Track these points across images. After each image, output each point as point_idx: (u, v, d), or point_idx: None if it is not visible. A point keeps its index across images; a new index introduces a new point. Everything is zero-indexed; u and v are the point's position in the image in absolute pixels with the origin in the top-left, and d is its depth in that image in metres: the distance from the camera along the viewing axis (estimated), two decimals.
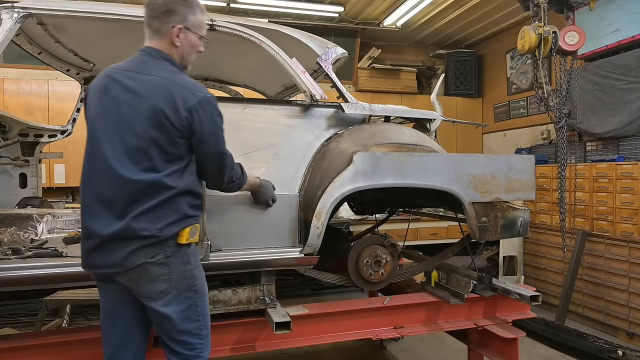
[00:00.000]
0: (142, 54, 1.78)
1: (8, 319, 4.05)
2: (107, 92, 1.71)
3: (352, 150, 2.40)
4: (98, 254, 1.67)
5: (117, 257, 1.64)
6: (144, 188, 1.64)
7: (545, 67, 3.18)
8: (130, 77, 1.71)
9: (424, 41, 7.19)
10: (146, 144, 1.64)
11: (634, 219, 4.18)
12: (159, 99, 1.65)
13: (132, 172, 1.64)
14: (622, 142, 4.60)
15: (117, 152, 1.65)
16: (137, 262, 1.65)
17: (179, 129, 1.66)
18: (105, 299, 1.80)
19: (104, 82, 1.74)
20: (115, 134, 1.66)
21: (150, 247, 1.66)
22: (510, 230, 2.64)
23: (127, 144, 1.65)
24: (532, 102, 6.08)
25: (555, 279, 5.06)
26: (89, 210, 1.68)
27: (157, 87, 1.67)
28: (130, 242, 1.63)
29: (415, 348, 4.02)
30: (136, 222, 1.63)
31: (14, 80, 5.29)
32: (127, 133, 1.65)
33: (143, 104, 1.65)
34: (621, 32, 4.52)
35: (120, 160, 1.64)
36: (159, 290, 1.70)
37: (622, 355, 3.52)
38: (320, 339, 2.46)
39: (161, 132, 1.65)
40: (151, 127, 1.64)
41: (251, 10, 5.82)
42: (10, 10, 2.08)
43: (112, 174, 1.64)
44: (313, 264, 2.40)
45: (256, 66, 3.17)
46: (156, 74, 1.71)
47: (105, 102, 1.71)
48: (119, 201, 1.64)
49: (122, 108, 1.67)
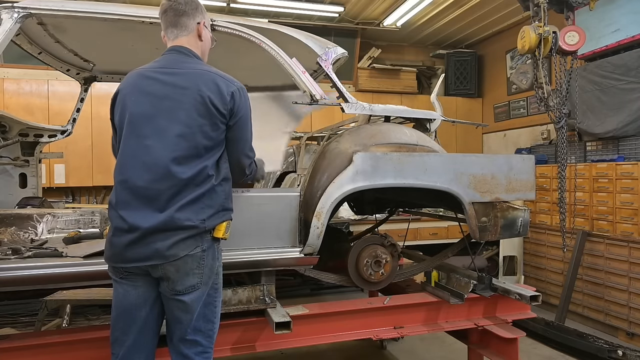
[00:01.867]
0: (171, 52, 1.85)
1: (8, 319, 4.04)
2: (144, 89, 1.76)
3: (352, 150, 2.40)
4: (138, 247, 1.67)
5: (160, 248, 1.66)
6: (189, 179, 1.70)
7: (545, 67, 3.17)
8: (166, 72, 1.78)
9: (424, 41, 7.19)
10: (192, 130, 1.72)
11: (634, 219, 4.18)
12: (203, 88, 1.75)
13: (179, 164, 1.69)
14: (622, 142, 4.60)
15: (164, 146, 1.70)
16: (179, 254, 1.68)
17: (223, 113, 1.77)
18: (124, 298, 1.77)
19: (138, 82, 1.79)
20: (160, 128, 1.72)
21: (192, 238, 1.70)
22: (510, 230, 2.64)
23: (174, 134, 1.71)
24: (532, 102, 6.08)
25: (555, 279, 5.06)
26: (127, 204, 1.69)
27: (199, 78, 1.77)
28: (174, 233, 1.67)
29: (415, 348, 4.02)
30: (180, 213, 1.67)
31: (14, 80, 5.29)
32: (173, 124, 1.72)
33: (187, 95, 1.74)
34: (621, 32, 4.52)
35: (167, 153, 1.69)
36: (190, 285, 1.73)
37: (622, 355, 3.52)
38: (320, 339, 2.46)
39: (206, 119, 1.74)
40: (197, 115, 1.73)
41: (251, 10, 5.82)
42: (10, 10, 2.08)
43: (158, 168, 1.69)
44: (313, 264, 2.40)
45: (256, 66, 3.17)
46: (193, 67, 1.80)
47: (143, 99, 1.75)
48: (163, 194, 1.68)
49: (164, 102, 1.73)
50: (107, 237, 1.76)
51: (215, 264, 1.80)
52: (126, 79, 1.82)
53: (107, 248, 1.74)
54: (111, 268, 1.77)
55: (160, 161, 1.69)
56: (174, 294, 1.73)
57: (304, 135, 3.82)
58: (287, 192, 2.45)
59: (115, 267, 1.75)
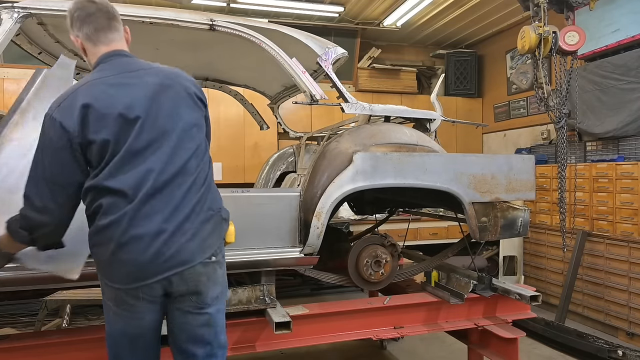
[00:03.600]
0: (120, 56, 1.67)
1: (8, 319, 4.05)
2: (116, 98, 1.55)
3: (352, 150, 2.40)
4: (166, 252, 1.52)
5: (192, 247, 1.56)
6: (202, 175, 1.65)
7: (545, 67, 3.17)
8: (138, 75, 1.62)
9: (424, 41, 7.19)
10: (191, 126, 1.65)
11: (634, 219, 4.18)
12: (185, 83, 1.68)
13: (189, 157, 1.62)
14: (622, 142, 4.60)
15: (172, 145, 1.59)
16: (207, 251, 1.61)
17: (205, 106, 1.73)
18: (137, 323, 1.60)
19: (102, 93, 1.55)
20: (162, 128, 1.59)
21: (215, 233, 1.65)
22: (510, 230, 2.64)
23: (180, 130, 1.62)
24: (532, 102, 6.07)
25: (555, 279, 5.06)
26: (144, 212, 1.52)
27: (173, 74, 1.68)
28: (200, 225, 1.59)
29: (415, 348, 4.02)
30: (199, 205, 1.61)
31: (14, 80, 5.29)
32: (177, 122, 1.62)
33: (176, 91, 1.64)
34: (621, 32, 4.52)
35: (178, 151, 1.60)
36: (215, 296, 1.66)
37: (622, 355, 3.52)
38: (320, 339, 2.46)
39: (198, 112, 1.69)
40: (191, 110, 1.67)
41: (251, 10, 5.82)
42: (10, 10, 2.07)
43: (173, 168, 1.58)
44: (313, 264, 2.40)
45: (256, 66, 3.17)
46: (156, 66, 1.70)
47: (132, 106, 1.57)
48: (179, 193, 1.58)
49: (159, 102, 1.60)
50: (105, 257, 1.55)
51: (225, 270, 1.75)
52: (89, 91, 1.55)
53: (117, 267, 1.54)
54: (122, 293, 1.56)
55: (176, 160, 1.61)
56: (200, 307, 1.62)
57: (304, 135, 3.82)
58: (287, 192, 2.45)
59: (129, 290, 1.55)
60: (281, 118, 3.89)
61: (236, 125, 5.74)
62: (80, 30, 1.64)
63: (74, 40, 1.67)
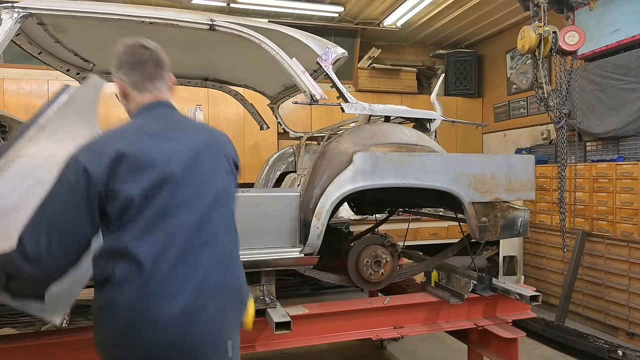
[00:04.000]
0: (164, 107, 1.56)
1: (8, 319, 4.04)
2: (155, 151, 1.41)
3: (352, 150, 2.40)
4: (185, 341, 1.35)
5: (211, 334, 1.42)
6: (229, 247, 1.55)
7: (545, 67, 3.18)
8: (181, 130, 1.53)
9: (424, 41, 7.19)
10: (225, 193, 1.56)
11: (634, 219, 4.18)
12: (227, 147, 1.62)
13: (219, 228, 1.51)
14: (622, 142, 4.60)
15: (204, 210, 1.46)
16: (222, 344, 1.47)
17: (237, 173, 1.66)
18: None
19: (140, 143, 1.40)
20: (197, 191, 1.46)
21: (235, 318, 1.54)
22: (510, 230, 2.64)
23: (213, 197, 1.49)
24: (532, 102, 6.07)
25: (555, 279, 5.06)
26: (166, 288, 1.34)
27: (217, 135, 1.63)
28: (224, 306, 1.46)
29: (415, 348, 4.03)
30: (226, 280, 1.48)
31: (14, 80, 5.29)
32: (211, 187, 1.50)
33: (217, 154, 1.57)
34: (621, 32, 4.52)
35: (208, 219, 1.46)
36: None
37: (622, 355, 3.52)
38: (320, 339, 2.46)
39: (233, 180, 1.62)
40: (227, 177, 1.58)
41: (251, 10, 5.82)
42: (10, 10, 2.07)
43: (203, 237, 1.44)
44: (313, 264, 2.40)
45: (256, 66, 3.17)
46: (199, 123, 1.65)
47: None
48: (206, 267, 1.43)
49: (200, 162, 1.49)
50: (110, 338, 1.35)
51: None
52: (126, 139, 1.40)
53: (122, 352, 1.34)
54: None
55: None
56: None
57: (304, 135, 3.82)
58: (287, 192, 2.45)
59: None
60: (281, 118, 3.89)
61: (236, 125, 5.74)
62: (127, 75, 1.53)
63: (116, 82, 1.55)
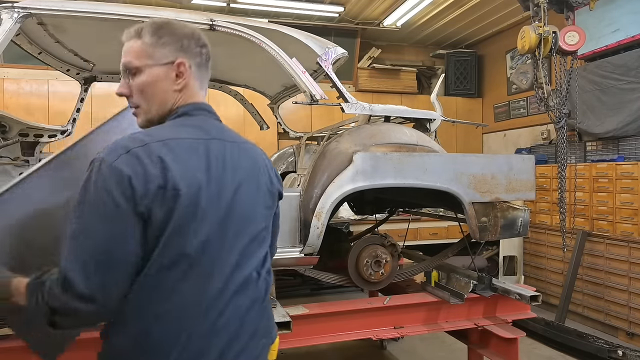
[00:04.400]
0: (210, 114, 1.31)
1: None
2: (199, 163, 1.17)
3: (352, 150, 2.40)
4: None
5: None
6: (263, 288, 1.32)
7: (545, 67, 3.17)
8: (237, 147, 1.29)
9: (424, 41, 7.19)
10: (263, 228, 1.33)
11: (634, 219, 4.18)
12: (272, 172, 1.39)
13: (256, 265, 1.30)
14: (622, 142, 4.61)
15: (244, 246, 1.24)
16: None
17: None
18: None
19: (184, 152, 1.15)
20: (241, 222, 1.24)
21: None
22: (510, 230, 2.64)
23: (253, 232, 1.29)
24: (532, 102, 6.08)
25: (555, 279, 5.06)
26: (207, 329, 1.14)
27: (259, 157, 1.37)
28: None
29: (415, 348, 4.03)
30: (260, 327, 1.29)
31: (14, 80, 5.29)
32: (252, 220, 1.28)
33: (264, 181, 1.34)
34: (621, 32, 4.52)
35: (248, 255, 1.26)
36: None
37: (622, 355, 3.52)
38: (320, 339, 2.46)
39: (271, 212, 1.40)
40: (268, 209, 1.37)
41: (251, 10, 5.82)
42: (10, 10, 2.07)
43: (240, 276, 1.23)
44: (313, 264, 2.40)
45: (256, 66, 3.17)
46: (247, 142, 1.36)
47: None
48: (243, 309, 1.23)
49: (245, 187, 1.26)
50: None
51: None
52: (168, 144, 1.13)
53: None
54: None
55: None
56: None
57: (304, 135, 3.82)
58: (287, 192, 2.45)
59: None
60: (281, 118, 3.89)
61: (236, 125, 5.74)
62: (193, 59, 1.26)
63: (175, 64, 1.23)
